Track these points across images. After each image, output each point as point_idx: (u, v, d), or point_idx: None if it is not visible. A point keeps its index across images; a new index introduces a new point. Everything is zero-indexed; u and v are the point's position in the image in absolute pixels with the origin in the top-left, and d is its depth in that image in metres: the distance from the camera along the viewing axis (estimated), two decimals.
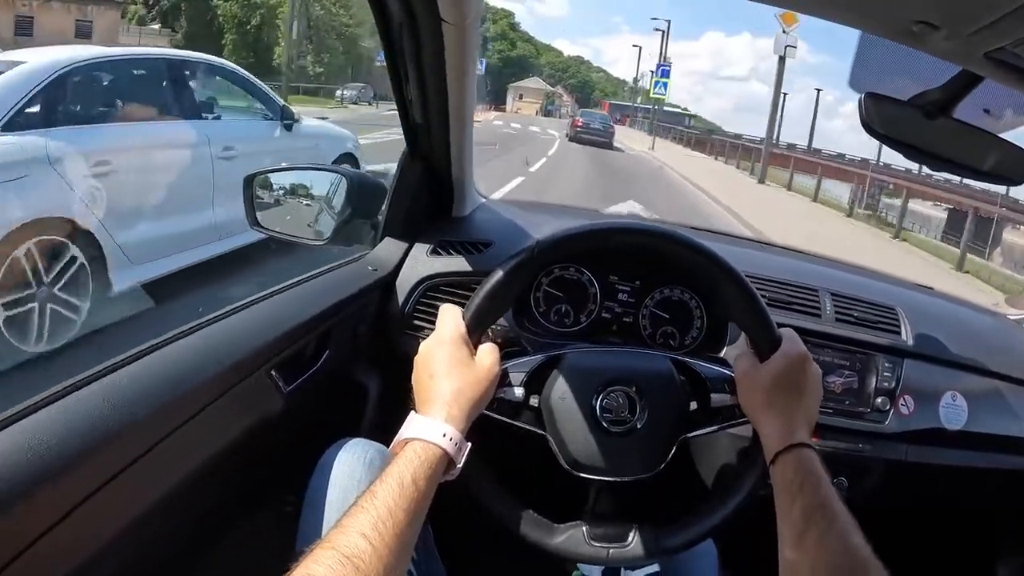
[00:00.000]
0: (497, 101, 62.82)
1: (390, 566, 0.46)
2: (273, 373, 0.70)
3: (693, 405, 0.67)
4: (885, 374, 0.97)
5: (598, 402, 0.65)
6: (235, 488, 0.70)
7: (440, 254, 0.96)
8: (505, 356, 0.65)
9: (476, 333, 0.64)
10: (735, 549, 0.85)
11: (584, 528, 0.65)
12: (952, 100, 0.65)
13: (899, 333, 1.01)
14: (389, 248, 0.96)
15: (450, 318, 0.63)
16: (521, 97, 70.56)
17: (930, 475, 1.00)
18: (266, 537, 0.76)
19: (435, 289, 0.93)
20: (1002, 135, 0.74)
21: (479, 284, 0.66)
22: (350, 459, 0.66)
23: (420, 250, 0.96)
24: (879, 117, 0.66)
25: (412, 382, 0.62)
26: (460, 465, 0.56)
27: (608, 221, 0.77)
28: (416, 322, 0.93)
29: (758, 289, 0.87)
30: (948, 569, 1.24)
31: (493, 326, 0.68)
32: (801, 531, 0.54)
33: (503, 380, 0.65)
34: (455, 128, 0.87)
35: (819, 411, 0.88)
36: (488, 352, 0.62)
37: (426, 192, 0.98)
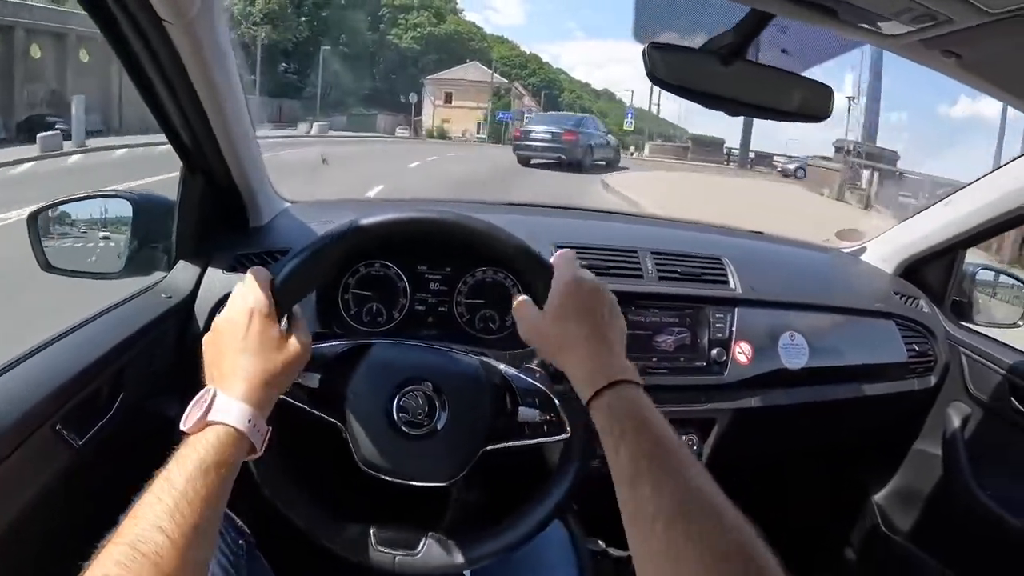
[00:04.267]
0: (402, 109, 38.85)
1: (190, 561, 0.44)
2: (59, 428, 0.65)
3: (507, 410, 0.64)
4: (717, 325, 0.98)
5: (395, 401, 0.62)
6: (38, 559, 0.66)
7: (238, 269, 0.90)
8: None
9: (285, 306, 0.59)
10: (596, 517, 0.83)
11: (372, 531, 0.62)
12: (745, 42, 0.64)
13: (727, 282, 1.02)
14: (184, 271, 0.91)
15: (257, 286, 0.57)
16: (448, 99, 40.48)
17: (781, 417, 1.02)
18: None
19: None
20: (804, 73, 0.70)
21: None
22: None
23: (217, 269, 0.91)
24: (667, 67, 0.66)
25: (205, 350, 0.57)
26: (260, 452, 0.53)
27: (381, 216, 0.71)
28: None
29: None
30: (820, 510, 1.30)
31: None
32: (632, 478, 0.48)
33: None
34: (223, 136, 0.81)
35: (654, 370, 0.91)
36: (302, 332, 0.58)
37: (214, 206, 0.93)
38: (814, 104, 0.67)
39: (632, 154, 27.82)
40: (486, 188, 10.43)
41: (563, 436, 0.63)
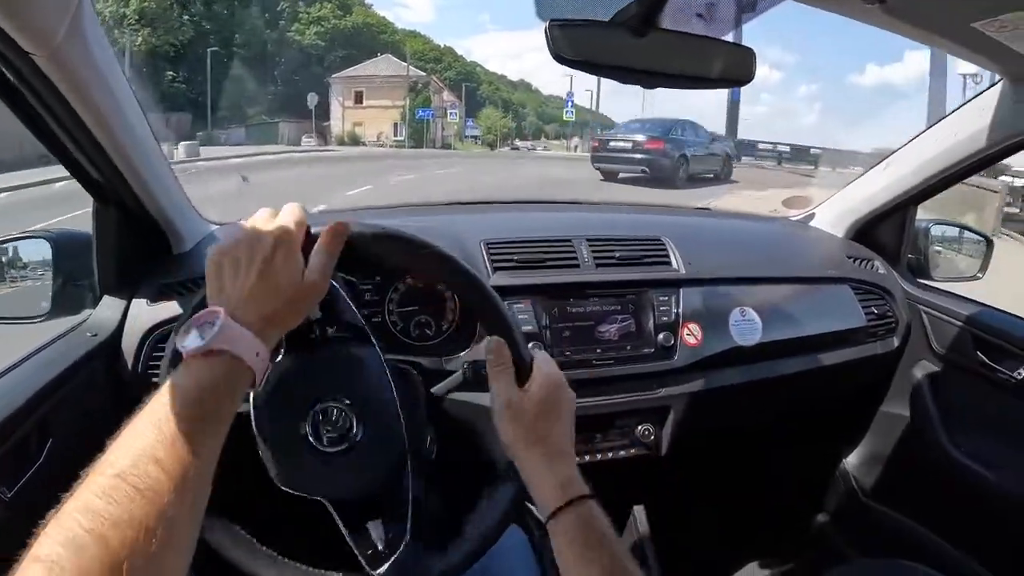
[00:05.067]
0: (309, 115, 32.56)
1: (188, 503, 0.40)
2: None
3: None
4: (662, 308, 0.96)
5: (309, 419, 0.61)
6: None
7: (163, 299, 0.90)
8: None
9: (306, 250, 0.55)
10: None
11: None
12: (653, 10, 0.60)
13: (668, 263, 1.00)
14: (108, 306, 0.90)
15: (292, 217, 0.53)
16: (359, 99, 36.81)
17: (740, 396, 1.01)
18: None
19: (165, 339, 0.87)
20: (722, 37, 0.64)
21: None
22: None
23: (141, 300, 0.90)
24: (572, 44, 0.62)
25: (211, 263, 0.51)
26: (259, 387, 0.52)
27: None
28: (155, 379, 0.85)
29: (504, 255, 0.93)
30: (794, 483, 1.30)
31: None
32: None
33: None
34: (123, 163, 0.79)
35: (600, 362, 0.93)
36: (319, 272, 0.52)
37: (132, 237, 0.91)
38: (736, 68, 0.63)
39: (576, 147, 24.69)
40: None
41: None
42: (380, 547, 0.61)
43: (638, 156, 11.03)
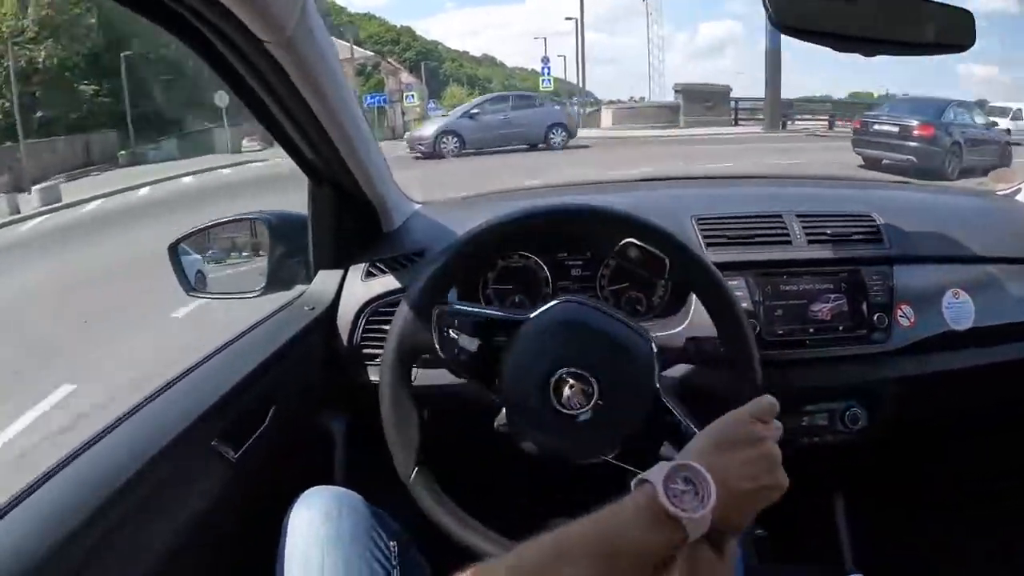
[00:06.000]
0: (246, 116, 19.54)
1: None
2: (216, 444, 0.72)
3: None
4: (875, 288, 0.95)
5: (551, 384, 0.68)
6: (203, 572, 0.71)
7: (375, 275, 0.97)
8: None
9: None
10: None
11: None
12: None
13: (881, 240, 1.00)
14: (323, 282, 0.98)
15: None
16: None
17: (952, 382, 0.99)
18: None
19: (377, 313, 0.94)
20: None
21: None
22: (309, 515, 0.68)
23: (354, 276, 0.97)
24: (793, 11, 0.60)
25: (741, 439, 0.54)
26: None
27: (527, 207, 0.79)
28: (366, 351, 0.94)
29: (717, 231, 0.96)
30: (998, 479, 1.25)
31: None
32: None
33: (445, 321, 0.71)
34: (344, 146, 0.84)
35: (812, 342, 0.95)
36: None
37: (345, 216, 0.99)
38: (954, 32, 0.65)
39: None
40: None
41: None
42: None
43: (905, 143, 9.21)
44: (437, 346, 0.71)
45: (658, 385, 0.71)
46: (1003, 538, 1.19)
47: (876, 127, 9.76)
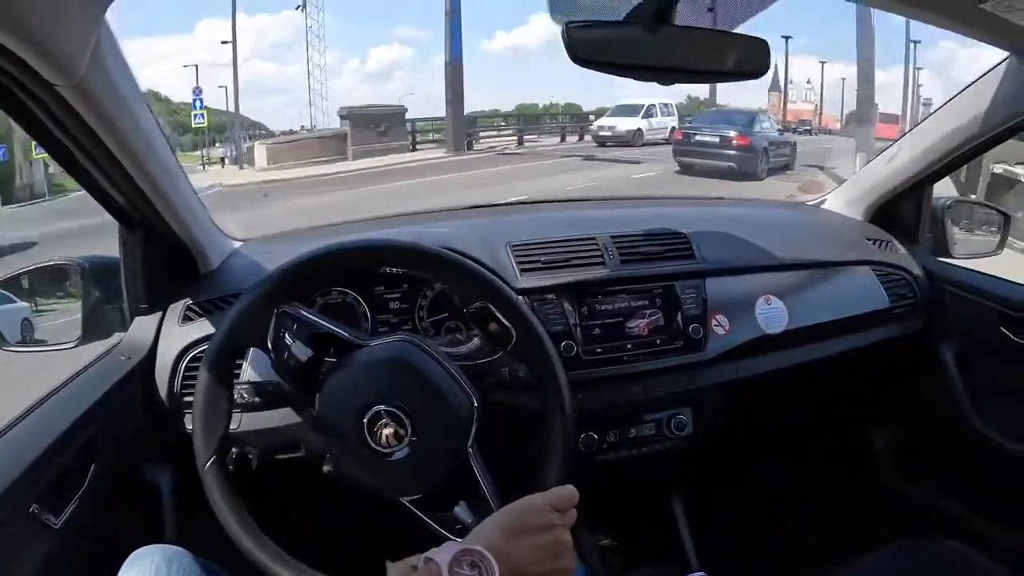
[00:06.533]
0: None
1: None
2: (35, 510, 0.68)
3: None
4: (689, 301, 0.99)
5: (364, 424, 0.70)
6: None
7: (192, 319, 0.93)
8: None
9: None
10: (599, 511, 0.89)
11: None
12: (668, 6, 0.63)
13: (692, 256, 1.04)
14: (140, 329, 0.94)
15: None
16: None
17: (770, 384, 1.04)
18: None
19: (197, 359, 0.90)
20: (735, 30, 0.66)
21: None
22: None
23: (172, 321, 0.94)
24: (589, 46, 0.68)
25: (525, 526, 0.59)
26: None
27: (344, 241, 0.79)
28: (187, 399, 0.89)
29: (531, 257, 0.97)
30: (826, 469, 1.32)
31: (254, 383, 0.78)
32: None
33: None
34: (150, 188, 0.82)
35: (631, 358, 0.97)
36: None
37: (159, 259, 0.95)
38: (751, 61, 0.64)
39: (223, 159, 15.13)
40: None
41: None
42: (470, 522, 0.69)
43: (725, 152, 10.45)
44: (270, 344, 0.71)
45: (470, 448, 0.72)
46: (831, 523, 1.25)
47: (698, 138, 11.07)
